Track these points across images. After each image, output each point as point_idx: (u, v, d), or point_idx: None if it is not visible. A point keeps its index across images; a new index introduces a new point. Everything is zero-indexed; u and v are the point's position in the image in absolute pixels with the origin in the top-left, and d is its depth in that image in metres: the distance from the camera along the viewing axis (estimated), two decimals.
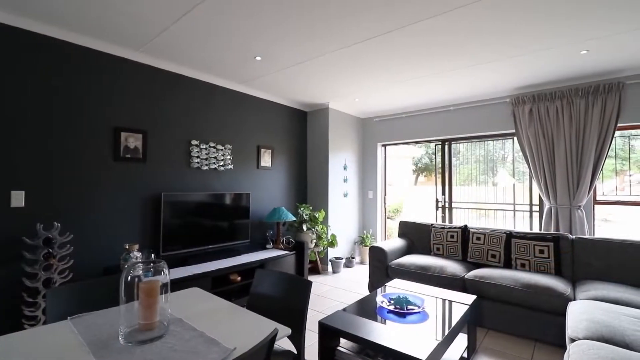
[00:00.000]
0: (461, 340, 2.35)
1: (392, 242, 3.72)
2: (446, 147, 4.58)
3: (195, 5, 2.15)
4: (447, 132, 4.44)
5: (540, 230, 3.69)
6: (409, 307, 2.18)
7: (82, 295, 1.59)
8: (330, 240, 4.29)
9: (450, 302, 2.34)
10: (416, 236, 3.90)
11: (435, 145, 4.69)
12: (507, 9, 2.17)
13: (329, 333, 1.98)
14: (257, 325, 1.31)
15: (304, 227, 4.01)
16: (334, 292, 3.69)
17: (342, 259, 4.53)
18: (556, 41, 2.64)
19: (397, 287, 2.66)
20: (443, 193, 4.54)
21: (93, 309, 1.53)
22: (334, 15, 2.27)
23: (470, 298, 2.41)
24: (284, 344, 1.66)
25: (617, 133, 3.44)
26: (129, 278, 1.18)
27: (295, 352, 1.55)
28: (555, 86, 3.59)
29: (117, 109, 2.83)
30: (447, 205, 4.52)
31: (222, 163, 3.59)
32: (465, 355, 2.31)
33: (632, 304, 2.25)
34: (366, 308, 2.22)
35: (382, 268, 3.45)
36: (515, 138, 3.87)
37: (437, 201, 4.58)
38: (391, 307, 2.16)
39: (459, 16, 2.27)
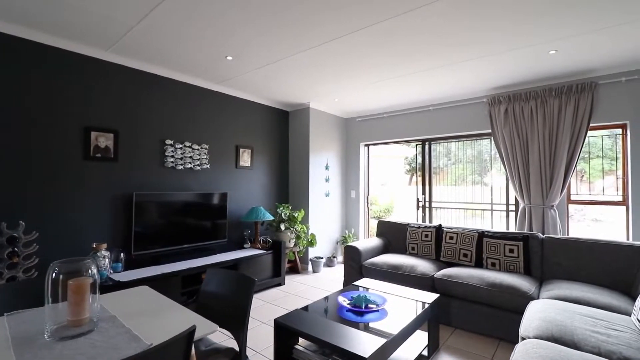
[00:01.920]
0: (422, 338, 2.36)
1: (368, 241, 3.72)
2: (426, 146, 4.58)
3: (156, 5, 2.16)
4: (427, 132, 4.45)
5: (515, 230, 3.69)
6: (369, 305, 2.19)
7: (28, 293, 1.60)
8: (309, 240, 4.30)
9: (412, 300, 2.35)
10: (393, 236, 3.90)
11: (416, 145, 4.70)
12: (469, 7, 2.15)
13: (284, 331, 1.99)
14: (190, 323, 1.32)
15: (282, 227, 4.02)
16: (309, 291, 3.70)
17: (322, 258, 4.54)
18: (523, 41, 2.64)
19: (363, 285, 2.67)
20: (423, 193, 4.54)
21: (40, 306, 1.54)
22: (302, 16, 2.28)
23: (432, 297, 2.41)
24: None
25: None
26: (54, 275, 1.19)
27: (238, 349, 1.56)
28: (530, 86, 3.60)
29: (87, 108, 2.84)
30: (427, 205, 4.52)
31: (198, 162, 3.60)
32: (425, 353, 2.32)
33: (592, 303, 2.26)
34: (326, 307, 2.23)
35: (356, 267, 3.46)
36: (492, 138, 3.87)
37: (417, 201, 4.59)
38: (350, 306, 2.17)
39: (424, 15, 2.25)
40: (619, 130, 3.33)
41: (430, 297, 2.42)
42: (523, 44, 2.68)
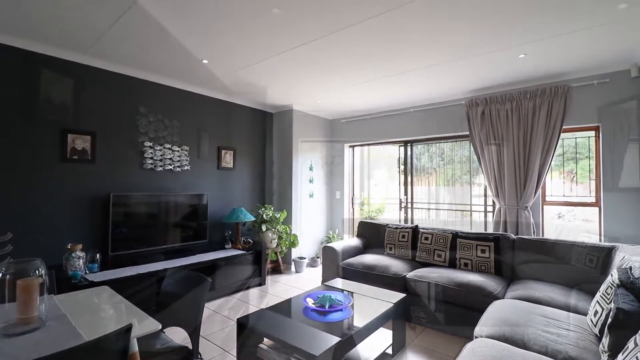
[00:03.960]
0: (387, 337, 2.40)
1: (347, 242, 3.77)
2: (408, 148, 4.63)
3: (124, 12, 2.21)
4: (409, 134, 4.50)
5: (492, 230, 3.73)
6: (333, 305, 2.24)
7: None
8: (291, 241, 4.35)
9: (377, 300, 2.39)
10: (373, 236, 3.95)
11: (399, 146, 4.74)
12: (435, 7, 2.14)
13: (246, 330, 2.04)
14: (138, 321, 1.37)
15: (263, 228, 4.07)
16: (289, 291, 3.75)
17: (305, 258, 4.59)
18: (493, 45, 2.67)
19: (334, 286, 2.72)
20: (405, 193, 4.59)
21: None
22: (278, 19, 2.32)
23: (398, 296, 2.46)
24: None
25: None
26: (0, 275, 1.24)
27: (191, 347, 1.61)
28: (506, 89, 3.64)
29: (64, 110, 2.89)
30: (408, 205, 4.57)
31: (178, 164, 3.65)
32: (390, 351, 2.36)
33: (552, 303, 2.30)
34: (292, 306, 2.28)
35: (333, 267, 3.51)
36: (470, 140, 3.91)
37: (400, 202, 4.64)
38: (314, 306, 2.22)
39: (397, 17, 2.26)
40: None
41: (396, 296, 2.47)
42: (494, 47, 2.72)
